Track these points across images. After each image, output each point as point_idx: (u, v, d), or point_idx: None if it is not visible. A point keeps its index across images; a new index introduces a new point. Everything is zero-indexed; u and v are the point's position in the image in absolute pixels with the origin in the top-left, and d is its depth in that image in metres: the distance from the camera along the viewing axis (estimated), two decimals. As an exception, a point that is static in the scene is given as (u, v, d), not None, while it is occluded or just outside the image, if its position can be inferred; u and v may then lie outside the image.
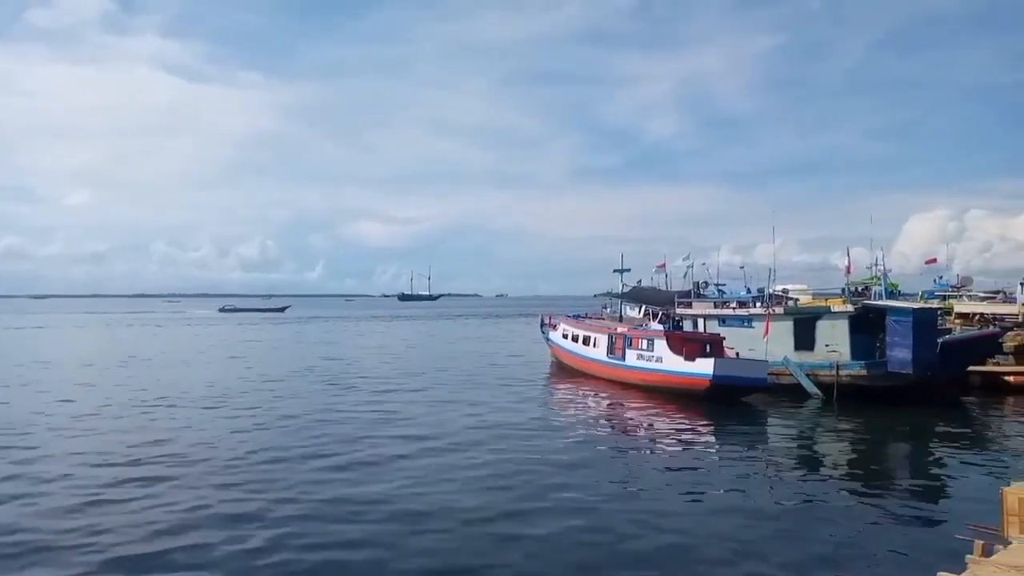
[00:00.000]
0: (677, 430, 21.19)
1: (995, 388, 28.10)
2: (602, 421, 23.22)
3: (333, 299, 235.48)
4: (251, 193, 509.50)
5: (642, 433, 21.26)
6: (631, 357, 29.00)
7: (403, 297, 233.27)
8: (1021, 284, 35.10)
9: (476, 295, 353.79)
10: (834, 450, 19.37)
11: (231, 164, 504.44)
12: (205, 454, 16.73)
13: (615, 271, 37.22)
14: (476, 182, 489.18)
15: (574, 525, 11.93)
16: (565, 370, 34.84)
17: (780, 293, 33.52)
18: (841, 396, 25.25)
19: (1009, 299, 36.95)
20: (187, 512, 12.29)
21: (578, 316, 38.79)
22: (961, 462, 17.22)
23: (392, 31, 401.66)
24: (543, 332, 40.71)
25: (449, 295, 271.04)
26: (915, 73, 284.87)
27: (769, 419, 23.30)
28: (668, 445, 19.27)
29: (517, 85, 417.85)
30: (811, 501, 13.79)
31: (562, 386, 30.63)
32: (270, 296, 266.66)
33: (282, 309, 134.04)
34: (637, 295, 39.80)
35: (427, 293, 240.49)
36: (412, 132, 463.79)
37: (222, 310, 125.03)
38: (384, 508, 12.68)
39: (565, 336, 35.84)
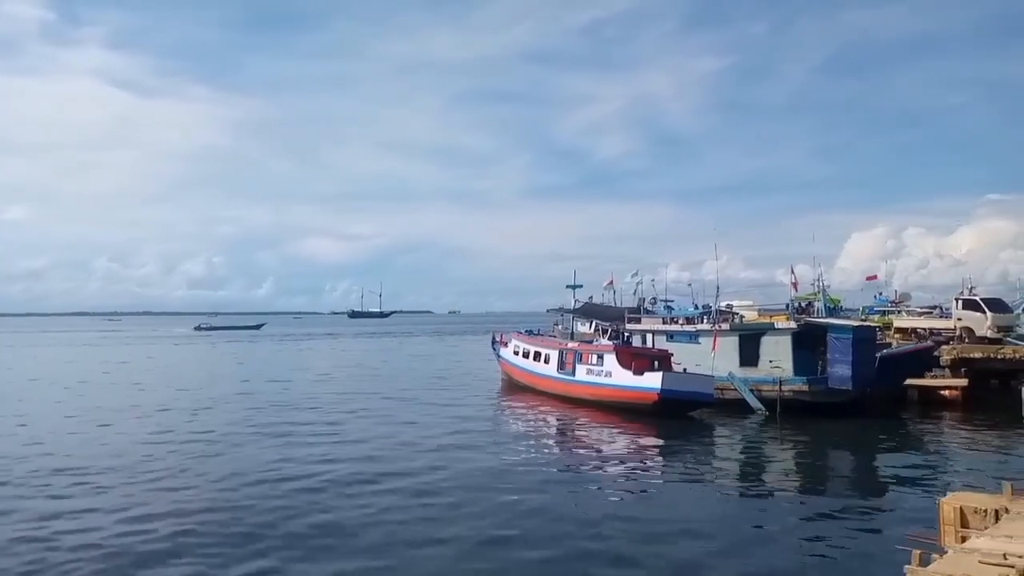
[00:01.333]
0: (625, 445, 21.30)
1: (931, 401, 28.93)
2: (551, 437, 23.19)
3: (282, 316, 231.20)
4: (198, 209, 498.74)
5: (591, 449, 21.27)
6: (581, 372, 29.07)
7: (353, 314, 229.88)
8: (956, 300, 36.26)
9: (428, 312, 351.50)
10: (777, 464, 19.66)
11: (178, 179, 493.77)
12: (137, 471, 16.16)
13: (568, 287, 37.42)
14: (428, 199, 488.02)
15: (521, 541, 11.82)
16: (516, 387, 34.73)
17: (726, 309, 34.09)
18: (784, 411, 25.66)
19: (945, 314, 38.23)
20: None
21: (529, 332, 38.78)
22: (900, 474, 17.64)
23: (343, 48, 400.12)
24: (494, 349, 40.54)
25: (400, 312, 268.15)
26: (853, 96, 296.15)
27: (715, 434, 23.56)
28: (616, 460, 19.34)
29: (469, 103, 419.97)
30: (755, 515, 13.95)
31: (512, 403, 30.51)
32: (215, 314, 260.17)
33: (258, 326, 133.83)
34: (588, 311, 39.97)
35: (378, 310, 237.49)
36: (363, 149, 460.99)
37: (198, 328, 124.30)
38: (331, 529, 12.39)
39: (516, 352, 35.75)
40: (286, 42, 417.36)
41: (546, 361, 31.93)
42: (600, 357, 28.29)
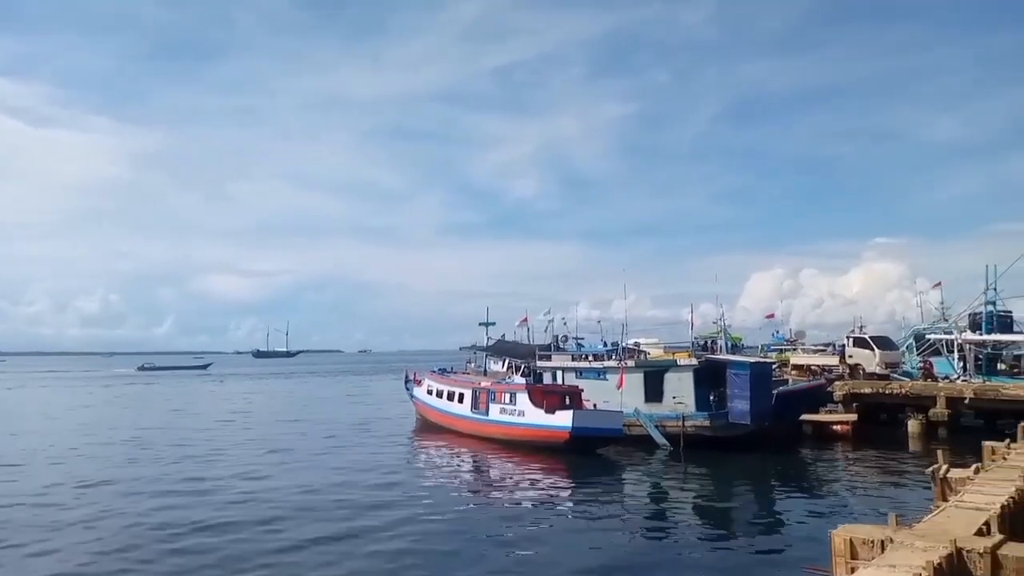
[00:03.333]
0: (535, 483, 21.37)
1: (824, 435, 30.35)
2: (464, 478, 23.03)
3: (181, 356, 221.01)
4: (94, 244, 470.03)
5: (501, 488, 21.20)
6: (495, 411, 29.08)
7: (259, 354, 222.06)
8: (847, 337, 38.46)
9: (337, 351, 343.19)
10: (680, 499, 20.11)
11: (73, 213, 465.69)
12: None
13: (481, 324, 37.57)
14: (338, 235, 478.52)
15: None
16: (430, 427, 34.34)
17: (633, 347, 34.96)
18: (687, 446, 26.24)
19: (838, 351, 40.46)
20: None
21: (443, 371, 38.60)
22: (795, 507, 18.40)
23: (250, 81, 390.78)
24: (407, 388, 40.05)
25: (308, 351, 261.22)
26: (751, 143, 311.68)
27: (622, 470, 23.97)
28: (525, 499, 19.36)
29: (381, 140, 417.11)
30: (657, 550, 14.28)
31: (426, 443, 30.14)
32: (112, 354, 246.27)
33: (205, 366, 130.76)
34: (500, 349, 40.26)
35: (284, 349, 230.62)
36: (271, 184, 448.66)
37: (141, 368, 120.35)
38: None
39: (430, 392, 35.44)
40: (191, 74, 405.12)
41: (460, 400, 31.79)
42: (513, 396, 28.41)
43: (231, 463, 24.35)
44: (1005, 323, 38.92)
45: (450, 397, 32.79)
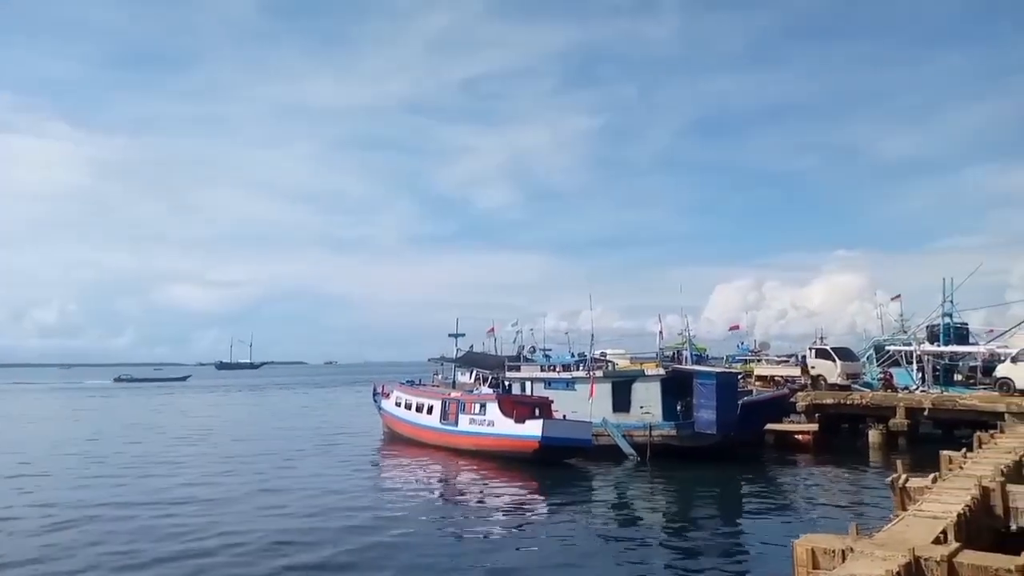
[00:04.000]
0: (504, 494, 21.38)
1: (786, 444, 30.89)
2: (434, 489, 22.95)
3: (141, 367, 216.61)
4: (53, 253, 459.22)
5: (472, 499, 21.17)
6: (464, 422, 29.04)
7: (221, 366, 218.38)
8: (809, 349, 39.10)
9: (302, 363, 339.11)
10: (646, 510, 20.28)
11: (32, 221, 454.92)
12: None
13: (450, 335, 37.46)
14: (304, 245, 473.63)
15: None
16: (399, 439, 34.12)
17: (600, 357, 35.22)
18: (654, 456, 26.54)
19: (799, 362, 41.16)
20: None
21: (410, 383, 38.44)
22: (760, 516, 18.69)
23: (215, 90, 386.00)
24: (375, 400, 39.77)
25: (273, 363, 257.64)
26: (715, 158, 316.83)
27: (590, 480, 24.09)
28: (495, 510, 19.39)
29: (348, 150, 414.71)
30: (623, 561, 14.36)
31: (395, 455, 29.95)
32: (70, 366, 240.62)
33: (184, 378, 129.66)
34: (469, 360, 40.24)
35: (248, 361, 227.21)
36: (236, 193, 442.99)
37: (117, 379, 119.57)
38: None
39: (398, 404, 35.23)
40: (154, 82, 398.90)
41: (429, 412, 31.70)
42: (483, 406, 28.43)
43: (187, 478, 23.82)
44: (961, 335, 40.01)
45: (419, 409, 32.65)
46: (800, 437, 31.05)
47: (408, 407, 33.88)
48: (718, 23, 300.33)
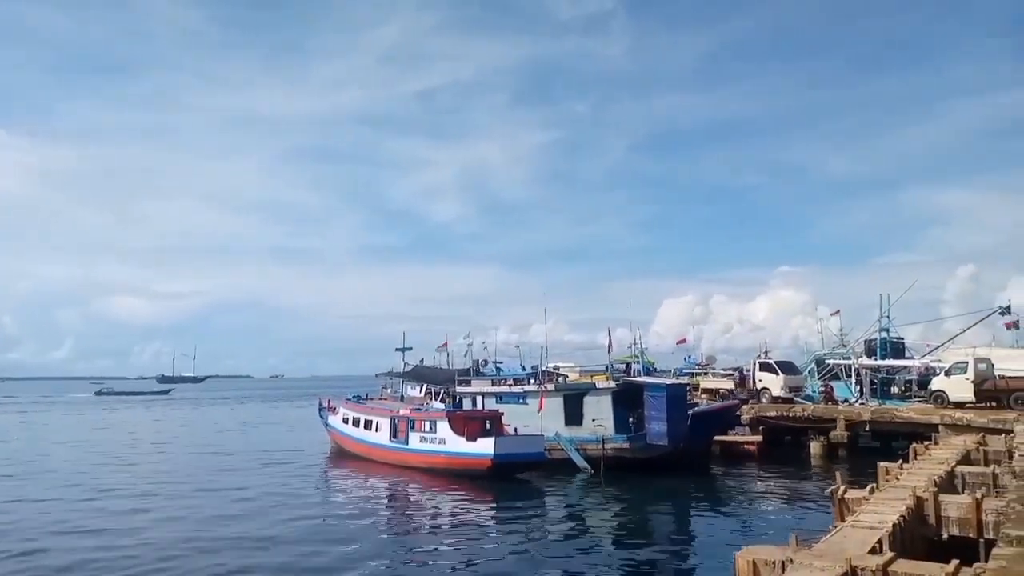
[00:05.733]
0: (456, 511, 21.33)
1: (733, 455, 31.56)
2: (384, 506, 22.79)
3: (79, 382, 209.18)
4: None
5: (423, 518, 21.09)
6: (414, 440, 28.81)
7: (163, 379, 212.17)
8: (754, 362, 39.97)
9: (248, 376, 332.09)
10: (599, 523, 20.53)
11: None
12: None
13: (397, 349, 37.21)
14: (251, 257, 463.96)
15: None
16: (346, 456, 33.67)
17: (551, 370, 35.40)
18: (607, 468, 26.79)
19: (737, 376, 42.10)
20: None
21: (358, 398, 37.99)
22: (707, 527, 19.09)
23: (165, 98, 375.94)
24: (321, 416, 39.20)
25: (217, 376, 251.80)
26: (663, 174, 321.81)
27: (543, 495, 24.20)
28: (446, 528, 19.33)
29: (300, 161, 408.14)
30: (575, 573, 14.53)
31: (342, 474, 29.54)
32: (2, 380, 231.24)
33: (166, 392, 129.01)
34: (418, 374, 39.97)
35: (191, 374, 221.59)
36: (182, 203, 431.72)
37: (99, 393, 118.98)
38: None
39: (345, 420, 34.80)
40: (100, 89, 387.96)
41: (377, 429, 31.38)
42: (433, 424, 28.25)
43: (117, 498, 23.09)
44: (898, 349, 41.44)
45: (367, 425, 32.30)
46: (747, 447, 31.77)
47: (356, 423, 33.48)
48: (668, 42, 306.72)
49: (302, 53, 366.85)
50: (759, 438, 32.27)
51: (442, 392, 34.66)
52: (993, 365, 32.26)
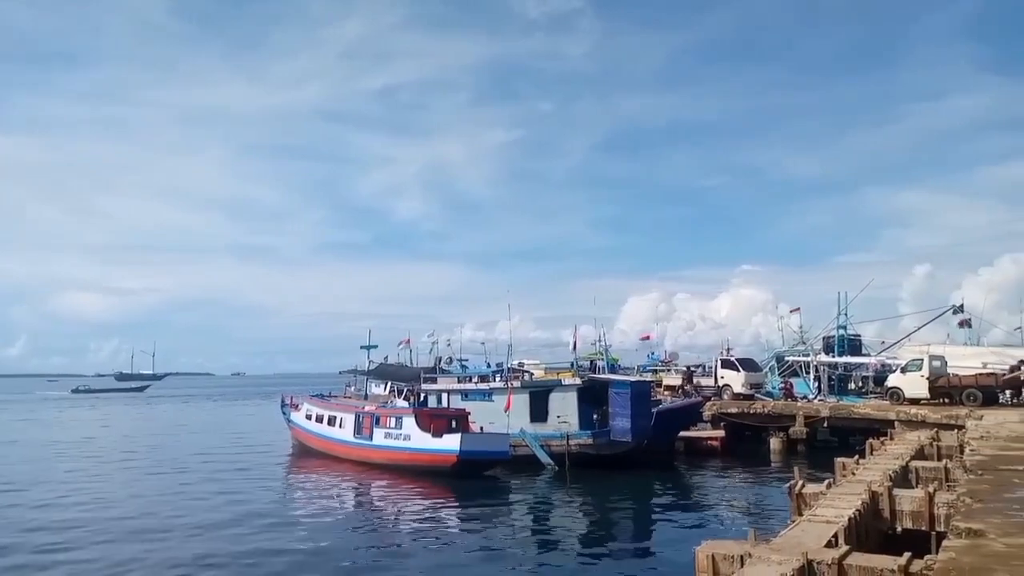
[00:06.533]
0: (422, 508, 21.27)
1: (696, 451, 31.95)
2: (347, 503, 22.65)
3: (34, 380, 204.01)
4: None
5: (388, 512, 21.04)
6: (379, 436, 28.66)
7: (121, 377, 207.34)
8: (716, 359, 40.51)
9: (208, 374, 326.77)
10: (563, 519, 20.63)
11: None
12: None
13: (362, 347, 36.98)
14: (212, 253, 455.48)
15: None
16: (309, 453, 33.35)
17: (517, 367, 35.48)
18: (572, 464, 26.96)
19: (707, 372, 42.61)
20: None
21: (321, 395, 37.66)
22: (669, 522, 19.32)
23: (121, 91, 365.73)
24: (284, 413, 38.77)
25: (176, 374, 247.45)
26: (627, 173, 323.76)
27: (508, 491, 24.28)
28: (412, 523, 19.27)
29: (260, 156, 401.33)
30: (539, 569, 14.63)
31: (305, 470, 29.26)
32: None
33: (142, 388, 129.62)
34: (383, 372, 39.80)
35: (150, 372, 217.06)
36: (141, 198, 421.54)
37: (75, 391, 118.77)
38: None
39: (308, 417, 34.47)
40: (55, 81, 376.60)
41: (341, 425, 31.14)
42: (399, 420, 28.14)
43: (70, 499, 22.51)
44: (855, 346, 42.34)
45: (331, 422, 32.04)
46: (711, 443, 32.26)
47: (319, 420, 33.18)
48: (633, 43, 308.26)
49: (264, 47, 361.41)
50: (722, 434, 32.73)
51: (406, 390, 34.56)
52: (947, 362, 33.11)
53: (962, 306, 41.45)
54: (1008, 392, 31.04)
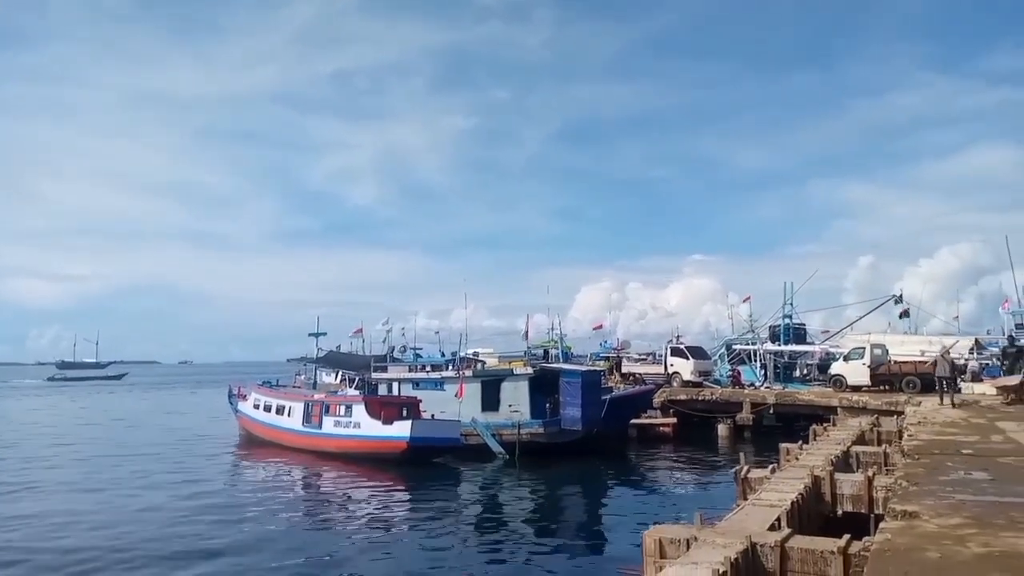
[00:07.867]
0: (372, 496, 21.12)
1: (647, 438, 32.37)
2: (293, 494, 22.26)
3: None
4: None
5: (337, 501, 20.78)
6: (328, 424, 28.34)
7: (63, 365, 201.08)
8: (666, 347, 41.04)
9: (155, 362, 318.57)
10: (512, 506, 20.69)
11: None
12: None
13: (311, 335, 36.44)
14: (159, 239, 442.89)
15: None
16: (256, 442, 32.79)
17: (471, 356, 35.39)
18: (523, 453, 27.01)
19: (657, 360, 43.14)
20: None
21: (268, 384, 37.03)
22: (618, 509, 19.53)
23: (61, 71, 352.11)
24: (231, 402, 38.01)
25: (122, 362, 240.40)
26: (581, 164, 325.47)
27: (458, 479, 24.26)
28: (361, 512, 19.08)
29: (210, 141, 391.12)
30: (485, 556, 14.63)
31: (253, 459, 28.81)
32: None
33: (119, 376, 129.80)
34: (332, 360, 39.26)
35: (94, 360, 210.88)
36: (84, 182, 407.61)
37: (51, 379, 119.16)
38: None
39: (256, 406, 33.86)
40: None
41: (290, 414, 30.69)
42: (348, 408, 27.87)
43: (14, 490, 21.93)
44: (800, 335, 43.32)
45: (279, 411, 31.55)
46: (662, 429, 32.77)
47: (267, 409, 32.65)
48: (588, 34, 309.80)
49: (214, 29, 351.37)
50: (674, 420, 33.22)
51: (357, 379, 34.17)
52: (887, 350, 34.13)
53: (902, 296, 42.78)
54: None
